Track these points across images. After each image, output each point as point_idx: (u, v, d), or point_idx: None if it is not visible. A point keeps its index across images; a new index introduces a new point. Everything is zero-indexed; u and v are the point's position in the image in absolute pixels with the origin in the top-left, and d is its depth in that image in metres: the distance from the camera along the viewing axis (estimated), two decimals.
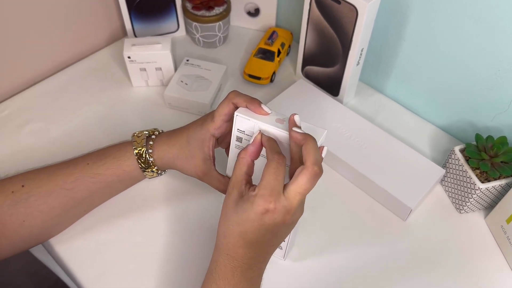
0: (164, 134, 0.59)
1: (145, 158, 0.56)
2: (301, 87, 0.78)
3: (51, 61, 0.83)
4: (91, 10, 0.83)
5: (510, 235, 0.59)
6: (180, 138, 0.56)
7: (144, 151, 0.56)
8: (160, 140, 0.57)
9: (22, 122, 0.75)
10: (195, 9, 0.84)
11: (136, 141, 0.57)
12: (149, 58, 0.76)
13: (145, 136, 0.58)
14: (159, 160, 0.57)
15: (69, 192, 0.54)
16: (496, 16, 0.59)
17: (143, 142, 0.56)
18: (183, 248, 0.60)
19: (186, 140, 0.55)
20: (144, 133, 0.58)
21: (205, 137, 0.53)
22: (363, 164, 0.66)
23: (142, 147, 0.56)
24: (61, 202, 0.54)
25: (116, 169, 0.56)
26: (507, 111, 0.66)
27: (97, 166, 0.55)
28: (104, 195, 0.60)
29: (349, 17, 0.65)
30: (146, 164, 0.57)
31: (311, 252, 0.60)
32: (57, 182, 0.53)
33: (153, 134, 0.58)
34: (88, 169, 0.55)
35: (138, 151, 0.56)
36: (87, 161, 0.56)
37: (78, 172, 0.54)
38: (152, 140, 0.57)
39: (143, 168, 0.57)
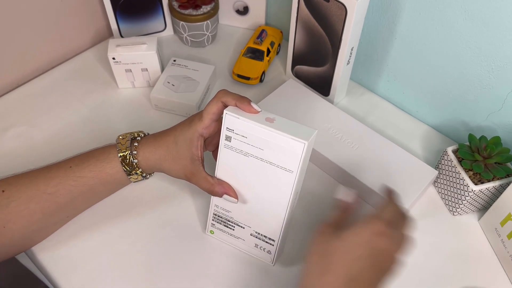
0: (150, 136, 0.57)
1: (129, 160, 0.55)
2: (291, 87, 0.76)
3: (35, 62, 0.80)
4: (75, 10, 0.81)
5: (504, 237, 0.58)
6: (167, 139, 0.55)
7: (128, 153, 0.55)
8: (145, 142, 0.56)
9: (6, 125, 0.73)
10: (181, 8, 0.82)
11: (120, 143, 0.56)
12: (135, 59, 0.74)
13: (130, 138, 0.56)
14: (144, 162, 0.55)
15: (51, 197, 0.52)
16: (489, 14, 0.58)
17: (128, 144, 0.55)
18: (169, 256, 0.59)
19: (173, 141, 0.54)
20: (129, 135, 0.57)
21: (193, 137, 0.52)
22: (354, 166, 0.64)
23: (126, 149, 0.55)
24: (42, 207, 0.52)
25: (99, 172, 0.54)
26: (501, 111, 0.65)
27: (80, 169, 0.54)
28: (87, 200, 0.58)
29: (338, 15, 0.64)
30: (130, 167, 0.55)
31: (301, 257, 0.59)
32: (38, 187, 0.52)
33: (138, 136, 0.57)
34: (70, 172, 0.53)
35: (122, 154, 0.55)
36: (69, 164, 0.54)
37: (60, 175, 0.53)
38: (136, 142, 0.56)
39: (127, 171, 0.55)
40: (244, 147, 0.49)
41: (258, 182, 0.51)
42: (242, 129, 0.48)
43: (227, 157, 0.51)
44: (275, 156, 0.48)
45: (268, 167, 0.49)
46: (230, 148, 0.50)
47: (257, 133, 0.47)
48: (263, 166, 0.49)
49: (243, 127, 0.48)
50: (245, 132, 0.48)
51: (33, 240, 0.57)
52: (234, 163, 0.51)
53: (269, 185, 0.50)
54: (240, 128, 0.48)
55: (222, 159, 0.52)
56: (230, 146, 0.50)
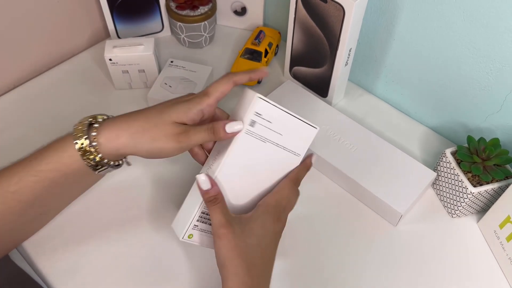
0: (115, 117, 0.50)
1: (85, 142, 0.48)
2: (289, 88, 0.76)
3: (31, 64, 0.80)
4: (71, 11, 0.81)
5: (503, 240, 0.58)
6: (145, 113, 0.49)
7: (85, 138, 0.48)
8: (110, 122, 0.49)
9: (2, 127, 0.72)
10: (179, 9, 0.81)
11: (76, 127, 0.49)
12: (131, 60, 0.74)
13: (88, 122, 0.49)
14: (110, 144, 0.48)
15: (14, 195, 0.48)
16: (488, 15, 0.58)
17: (84, 127, 0.48)
18: (165, 259, 0.58)
19: (158, 112, 0.48)
20: (87, 118, 0.50)
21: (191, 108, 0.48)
22: (352, 168, 0.64)
23: (83, 133, 0.48)
24: (10, 207, 0.49)
25: (56, 163, 0.48)
26: (500, 112, 0.64)
27: (38, 162, 0.49)
28: (56, 196, 0.52)
29: (336, 16, 0.63)
30: (88, 153, 0.48)
31: (299, 259, 0.58)
32: (1, 185, 0.48)
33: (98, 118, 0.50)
34: (29, 167, 0.49)
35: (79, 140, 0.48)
36: (29, 158, 0.49)
37: (20, 171, 0.49)
38: (97, 123, 0.49)
39: (86, 159, 0.48)
40: (265, 133, 0.48)
41: (266, 168, 0.50)
42: (270, 114, 0.47)
43: (244, 143, 0.47)
44: (290, 141, 0.49)
45: (280, 152, 0.50)
46: (250, 134, 0.47)
47: (282, 118, 0.48)
48: (276, 152, 0.49)
49: (272, 111, 0.47)
50: (272, 117, 0.47)
51: (15, 239, 0.54)
52: (249, 149, 0.48)
53: (274, 171, 0.51)
54: (268, 112, 0.47)
55: (238, 145, 0.47)
56: (251, 132, 0.47)
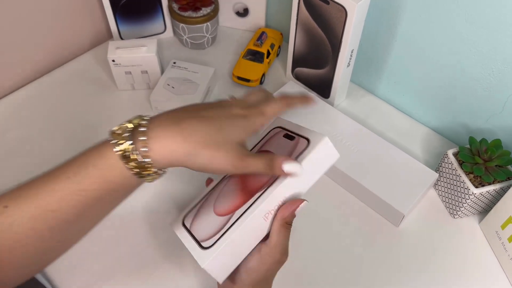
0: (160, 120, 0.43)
1: (137, 160, 0.42)
2: (291, 89, 0.76)
3: (34, 65, 0.80)
4: (74, 12, 0.81)
5: (505, 240, 0.58)
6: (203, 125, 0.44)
7: (133, 152, 0.42)
8: (160, 129, 0.43)
9: (5, 128, 0.73)
10: (181, 10, 0.82)
11: (117, 141, 0.43)
12: (134, 61, 0.74)
13: (129, 131, 0.43)
14: (163, 157, 0.42)
15: (55, 214, 0.44)
16: (490, 16, 0.58)
17: (128, 138, 0.42)
18: (169, 260, 0.59)
19: (217, 127, 0.44)
20: (126, 125, 0.43)
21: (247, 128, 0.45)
22: (353, 169, 0.64)
23: (129, 146, 0.42)
24: (49, 226, 0.44)
25: (103, 183, 0.44)
26: (502, 113, 0.64)
27: (79, 180, 0.44)
28: (99, 211, 0.48)
29: (338, 17, 0.63)
30: (140, 168, 0.43)
31: (301, 259, 0.59)
32: (40, 204, 0.44)
33: (140, 125, 0.43)
34: (70, 184, 0.44)
35: (124, 153, 0.42)
36: (67, 174, 0.44)
37: (60, 189, 0.44)
38: (142, 134, 0.42)
39: (138, 173, 0.43)
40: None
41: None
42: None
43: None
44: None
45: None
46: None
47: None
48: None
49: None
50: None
51: (51, 257, 0.49)
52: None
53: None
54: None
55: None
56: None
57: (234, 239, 0.44)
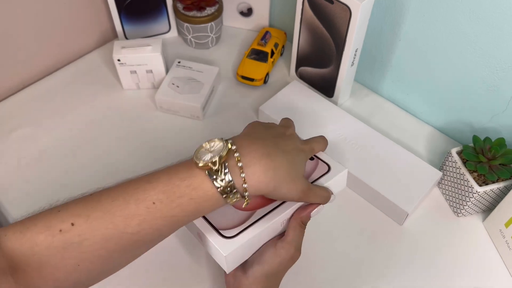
0: (250, 151, 0.43)
1: (233, 191, 0.43)
2: (295, 88, 0.76)
3: (40, 64, 0.81)
4: (79, 12, 0.82)
5: (508, 239, 0.58)
6: (284, 158, 0.45)
7: (231, 186, 0.42)
8: (253, 161, 0.43)
9: (11, 127, 0.73)
10: (186, 10, 0.82)
11: (215, 176, 0.42)
12: (139, 61, 0.75)
13: (225, 165, 0.42)
14: (257, 191, 0.43)
15: (133, 236, 0.43)
16: (494, 15, 0.58)
17: (227, 174, 0.42)
18: (176, 257, 0.59)
19: (293, 163, 0.46)
20: (217, 158, 0.42)
21: (304, 162, 0.48)
22: (358, 167, 0.64)
23: (228, 183, 0.42)
24: (123, 246, 0.43)
25: (194, 211, 0.43)
26: (505, 112, 0.64)
27: (168, 208, 0.43)
28: (175, 229, 0.47)
29: (342, 17, 0.64)
30: (235, 197, 0.43)
31: (305, 257, 0.59)
32: (116, 225, 0.42)
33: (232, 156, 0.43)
34: (155, 210, 0.43)
35: (224, 189, 0.42)
36: (152, 200, 0.42)
37: (143, 214, 0.42)
38: (241, 170, 0.42)
39: (230, 200, 0.44)
40: None
41: None
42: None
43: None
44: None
45: None
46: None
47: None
48: None
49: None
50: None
51: (113, 271, 0.48)
52: None
53: None
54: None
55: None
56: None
57: (256, 236, 0.47)
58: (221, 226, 0.49)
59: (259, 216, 0.49)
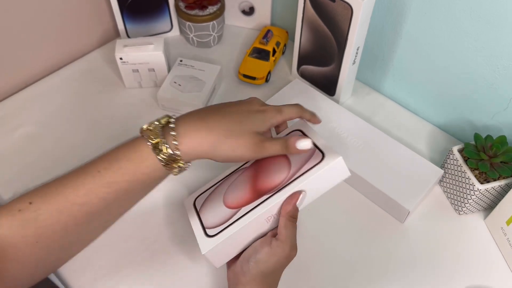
0: (188, 119, 0.48)
1: (167, 153, 0.46)
2: (296, 86, 0.77)
3: (42, 63, 0.81)
4: (82, 11, 0.82)
5: (510, 236, 0.58)
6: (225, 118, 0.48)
7: (164, 146, 0.46)
8: (187, 125, 0.47)
9: (14, 125, 0.74)
10: (188, 9, 0.82)
11: (150, 136, 0.46)
12: (142, 59, 0.75)
13: (160, 128, 0.47)
14: (191, 150, 0.47)
15: (82, 207, 0.46)
16: (495, 13, 0.58)
17: (160, 134, 0.46)
18: (177, 254, 0.59)
19: (238, 120, 0.48)
20: (156, 123, 0.47)
21: (265, 121, 0.50)
22: (359, 166, 0.64)
23: (160, 140, 0.46)
24: (75, 218, 0.46)
25: (133, 174, 0.47)
26: (507, 110, 0.65)
27: (110, 173, 0.46)
28: (125, 203, 0.51)
29: (344, 15, 0.64)
30: (170, 161, 0.46)
31: (306, 255, 0.59)
32: (66, 197, 0.46)
33: (169, 122, 0.47)
34: (100, 178, 0.46)
35: (156, 146, 0.46)
36: (97, 169, 0.47)
37: (89, 182, 0.46)
38: (172, 130, 0.46)
39: (166, 166, 0.47)
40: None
41: None
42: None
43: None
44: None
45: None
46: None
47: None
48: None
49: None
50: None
51: (71, 252, 0.51)
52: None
53: None
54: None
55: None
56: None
57: (236, 234, 0.48)
58: (209, 224, 0.51)
59: (242, 214, 0.49)
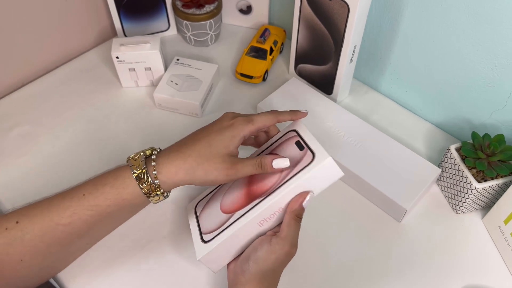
0: (166, 151, 0.51)
1: (148, 182, 0.49)
2: (294, 85, 0.76)
3: (39, 62, 0.81)
4: (78, 9, 0.82)
5: (507, 235, 0.58)
6: (195, 146, 0.50)
7: (145, 175, 0.49)
8: (166, 157, 0.50)
9: (10, 125, 0.74)
10: (185, 7, 0.82)
11: (134, 165, 0.49)
12: (138, 58, 0.75)
13: (143, 158, 0.50)
14: (169, 179, 0.49)
15: (66, 228, 0.48)
16: (492, 11, 0.58)
17: (142, 164, 0.49)
18: (171, 254, 0.59)
19: (206, 145, 0.50)
20: (141, 154, 0.51)
21: (236, 135, 0.50)
22: (356, 164, 0.64)
23: (142, 170, 0.49)
24: (59, 239, 0.49)
25: (115, 199, 0.49)
26: (505, 108, 0.64)
27: (94, 197, 0.49)
28: (107, 226, 0.53)
29: (340, 13, 0.64)
30: (149, 189, 0.49)
31: (303, 254, 0.59)
32: (51, 218, 0.48)
33: (152, 154, 0.51)
34: (84, 201, 0.49)
35: (138, 175, 0.49)
36: (82, 192, 0.49)
37: (73, 205, 0.49)
38: (153, 161, 0.49)
39: (147, 193, 0.49)
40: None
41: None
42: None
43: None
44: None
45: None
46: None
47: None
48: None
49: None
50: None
51: (53, 270, 0.54)
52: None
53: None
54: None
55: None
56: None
57: (228, 239, 0.49)
58: (206, 229, 0.52)
59: (236, 218, 0.49)
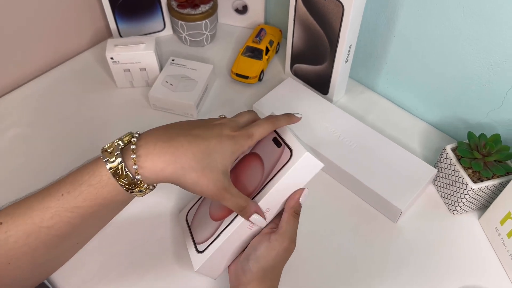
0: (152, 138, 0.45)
1: (128, 176, 0.43)
2: (289, 85, 0.76)
3: (34, 63, 0.81)
4: (73, 10, 0.81)
5: (504, 236, 0.57)
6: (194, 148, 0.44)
7: (122, 168, 0.43)
8: (151, 147, 0.44)
9: (5, 126, 0.73)
10: (180, 7, 0.82)
11: (108, 159, 0.43)
12: (133, 59, 0.74)
13: (119, 149, 0.44)
14: (153, 174, 0.43)
15: (49, 230, 0.45)
16: (488, 10, 0.57)
17: (119, 157, 0.43)
18: (166, 256, 0.59)
19: (205, 152, 0.45)
20: (116, 144, 0.44)
21: (235, 151, 0.46)
22: (352, 165, 0.64)
23: (119, 164, 0.43)
24: (44, 241, 0.45)
25: (95, 199, 0.45)
26: (501, 108, 0.64)
27: (73, 197, 0.45)
28: (93, 226, 0.49)
29: (335, 13, 0.63)
30: (130, 184, 0.44)
31: (299, 255, 0.58)
32: (33, 220, 0.45)
33: (130, 142, 0.44)
34: (64, 201, 0.45)
35: (115, 171, 0.43)
36: (60, 192, 0.45)
37: (54, 206, 0.45)
38: (133, 152, 0.43)
39: (129, 189, 0.44)
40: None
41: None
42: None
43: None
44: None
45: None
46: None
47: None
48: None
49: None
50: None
51: (45, 271, 0.50)
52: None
53: None
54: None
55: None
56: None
57: (222, 246, 0.48)
58: (199, 239, 0.52)
59: (226, 225, 0.49)
